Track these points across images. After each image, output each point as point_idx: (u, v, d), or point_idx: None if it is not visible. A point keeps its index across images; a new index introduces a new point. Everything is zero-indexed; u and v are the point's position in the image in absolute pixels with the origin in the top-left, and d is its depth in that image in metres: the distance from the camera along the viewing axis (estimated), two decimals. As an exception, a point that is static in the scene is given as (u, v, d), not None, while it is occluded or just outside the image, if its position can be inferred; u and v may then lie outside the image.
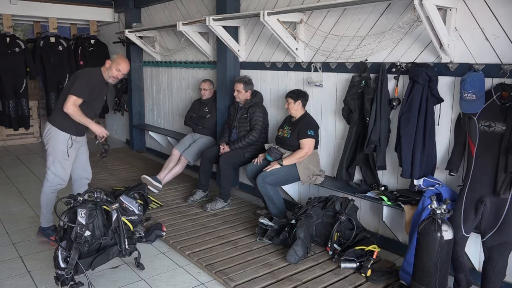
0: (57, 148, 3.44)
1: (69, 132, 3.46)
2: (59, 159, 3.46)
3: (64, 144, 3.44)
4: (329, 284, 2.96)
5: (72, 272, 2.72)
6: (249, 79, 4.51)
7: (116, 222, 2.96)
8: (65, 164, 3.49)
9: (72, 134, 3.47)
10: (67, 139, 3.45)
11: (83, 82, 3.42)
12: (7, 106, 7.09)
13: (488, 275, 2.65)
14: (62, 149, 3.44)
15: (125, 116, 7.74)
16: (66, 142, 3.45)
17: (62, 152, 3.45)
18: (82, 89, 3.38)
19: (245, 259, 3.29)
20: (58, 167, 3.46)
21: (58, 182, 3.50)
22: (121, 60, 3.55)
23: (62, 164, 3.47)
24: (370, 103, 3.40)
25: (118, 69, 3.51)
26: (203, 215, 4.22)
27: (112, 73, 3.52)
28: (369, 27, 3.55)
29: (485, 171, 2.62)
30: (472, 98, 2.61)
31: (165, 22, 6.16)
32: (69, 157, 3.48)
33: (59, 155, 3.45)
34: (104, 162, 6.35)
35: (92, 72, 3.59)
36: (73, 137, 3.48)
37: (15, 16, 7.10)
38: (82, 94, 3.37)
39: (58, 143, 3.44)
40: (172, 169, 4.96)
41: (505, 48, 2.75)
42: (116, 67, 3.51)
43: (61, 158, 3.46)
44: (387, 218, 3.45)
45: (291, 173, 3.85)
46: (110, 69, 3.52)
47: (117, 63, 3.52)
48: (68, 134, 3.45)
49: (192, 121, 5.28)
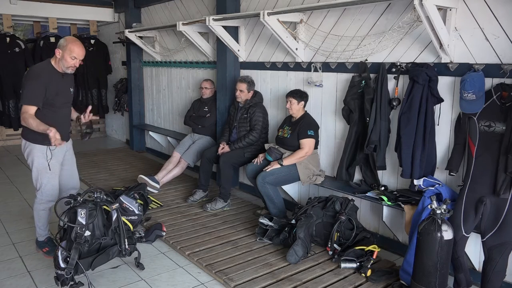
0: (37, 162, 3.11)
1: (45, 143, 3.03)
2: (42, 174, 3.14)
3: (43, 157, 3.09)
4: (329, 284, 2.96)
5: (72, 272, 2.72)
6: (252, 80, 4.51)
7: (116, 222, 2.96)
8: (50, 178, 3.16)
9: (49, 145, 3.01)
10: (44, 151, 3.08)
11: (30, 87, 2.94)
12: (7, 106, 7.09)
13: (488, 275, 2.65)
14: (42, 162, 3.10)
15: (125, 116, 7.74)
16: (44, 155, 3.09)
17: (43, 166, 3.11)
18: (31, 94, 2.93)
19: (245, 259, 3.29)
20: (44, 182, 3.15)
21: (47, 199, 3.21)
22: (73, 45, 2.97)
23: (47, 179, 3.15)
24: (370, 103, 3.40)
25: (73, 57, 2.99)
26: (203, 215, 4.22)
27: (67, 63, 3.00)
28: (369, 27, 3.54)
29: (485, 171, 2.62)
30: (472, 98, 2.61)
31: (165, 22, 6.16)
32: (51, 170, 3.13)
33: (41, 169, 3.12)
34: (104, 162, 6.37)
35: (39, 70, 3.05)
36: (51, 147, 3.07)
37: (15, 16, 7.10)
38: (33, 100, 2.93)
39: (36, 157, 3.10)
40: (171, 170, 4.96)
41: (505, 48, 2.75)
42: (70, 55, 2.97)
43: (43, 173, 3.13)
44: (387, 218, 3.45)
45: (291, 173, 3.85)
46: (64, 59, 2.99)
47: (70, 50, 2.96)
48: (44, 145, 3.06)
49: (191, 121, 5.28)
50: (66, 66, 3.02)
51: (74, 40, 3.06)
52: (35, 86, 2.95)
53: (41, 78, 2.98)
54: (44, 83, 2.97)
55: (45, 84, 2.98)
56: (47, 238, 3.39)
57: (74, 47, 2.98)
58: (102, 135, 8.78)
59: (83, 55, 3.06)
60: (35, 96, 2.94)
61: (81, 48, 3.03)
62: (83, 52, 3.04)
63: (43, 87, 2.96)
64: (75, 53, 2.98)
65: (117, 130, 8.49)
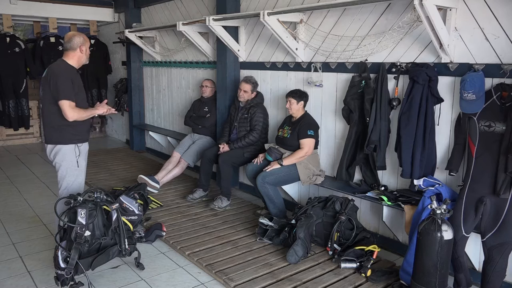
0: (66, 161, 3.20)
1: (73, 142, 3.20)
2: (71, 172, 3.22)
3: (72, 154, 3.20)
4: (329, 284, 2.96)
5: (72, 272, 2.72)
6: (256, 81, 4.52)
7: (116, 222, 2.96)
8: (78, 175, 3.25)
9: (77, 143, 3.21)
10: (73, 149, 3.20)
11: (63, 83, 3.05)
12: (7, 106, 7.09)
13: (488, 275, 2.65)
14: (71, 160, 3.20)
15: (125, 116, 7.74)
16: (73, 152, 3.20)
17: (71, 163, 3.21)
18: (69, 90, 3.06)
19: (245, 259, 3.29)
20: (72, 180, 3.23)
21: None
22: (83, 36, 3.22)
23: (74, 176, 3.23)
24: (370, 103, 3.40)
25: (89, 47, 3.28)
26: (203, 215, 4.22)
27: (87, 53, 3.25)
28: (369, 27, 3.55)
29: (485, 171, 2.62)
30: (472, 98, 2.61)
31: (165, 22, 6.16)
32: (79, 167, 3.24)
33: (70, 167, 3.21)
34: (104, 162, 6.37)
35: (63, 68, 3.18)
36: (78, 145, 3.22)
37: (15, 16, 7.10)
38: (70, 95, 3.06)
39: (66, 156, 3.19)
40: (171, 170, 4.97)
41: (505, 48, 2.75)
42: (87, 45, 3.23)
43: (72, 170, 3.21)
44: (387, 218, 3.45)
45: (291, 173, 3.85)
46: (86, 52, 3.22)
47: (86, 40, 3.22)
48: (73, 144, 3.20)
49: (192, 121, 5.28)
50: (87, 55, 3.24)
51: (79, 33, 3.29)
52: (65, 82, 3.06)
53: (69, 75, 3.11)
54: (71, 80, 3.11)
55: (72, 79, 3.12)
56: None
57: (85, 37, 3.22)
58: (102, 135, 8.78)
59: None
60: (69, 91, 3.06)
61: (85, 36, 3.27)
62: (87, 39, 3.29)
63: (71, 83, 3.09)
64: (88, 43, 3.23)
65: (117, 130, 8.49)
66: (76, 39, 3.16)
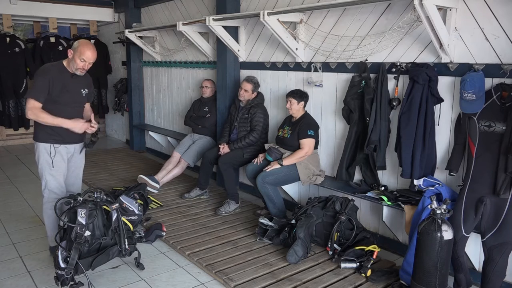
0: (41, 159, 3.15)
1: (49, 141, 3.12)
2: (47, 171, 3.16)
3: (46, 153, 3.13)
4: (329, 284, 2.96)
5: (72, 272, 2.72)
6: (258, 81, 4.51)
7: (116, 222, 2.96)
8: (54, 174, 3.17)
9: (52, 143, 3.12)
10: (48, 148, 3.13)
11: (37, 82, 3.03)
12: (7, 106, 7.09)
13: (488, 275, 2.65)
14: (46, 159, 3.14)
15: (125, 116, 7.74)
16: (48, 151, 3.13)
17: (47, 162, 3.15)
18: (37, 89, 3.00)
19: (245, 259, 3.29)
20: (49, 179, 3.17)
21: (54, 197, 3.14)
22: (84, 48, 3.01)
23: (50, 176, 3.17)
24: (370, 103, 3.40)
25: (82, 59, 3.02)
26: (203, 215, 4.22)
27: (76, 65, 3.04)
28: (369, 27, 3.54)
29: (485, 171, 2.62)
30: (472, 98, 2.61)
31: (165, 22, 6.16)
32: (54, 167, 3.15)
33: (45, 166, 3.16)
34: (104, 162, 6.37)
35: (48, 67, 3.14)
36: (55, 146, 3.13)
37: (15, 16, 7.10)
38: (38, 95, 2.99)
39: (41, 154, 3.15)
40: (171, 170, 4.97)
41: (505, 48, 2.75)
42: (80, 57, 3.01)
43: (47, 169, 3.16)
44: (387, 218, 3.45)
45: (291, 173, 3.85)
46: (74, 61, 3.04)
47: (80, 52, 3.00)
48: (48, 143, 3.12)
49: (192, 121, 5.28)
50: (75, 67, 3.06)
51: (86, 43, 3.09)
52: (41, 81, 3.02)
53: (47, 75, 3.03)
54: (48, 79, 3.01)
55: (50, 80, 3.02)
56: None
57: (85, 50, 3.01)
58: (102, 135, 8.78)
59: (94, 58, 3.08)
60: (38, 91, 3.00)
61: (92, 52, 3.05)
62: (93, 55, 3.06)
63: (47, 83, 3.00)
64: (84, 56, 3.01)
65: (117, 130, 8.49)
66: (75, 43, 3.10)
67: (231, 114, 4.72)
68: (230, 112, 4.75)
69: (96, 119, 3.37)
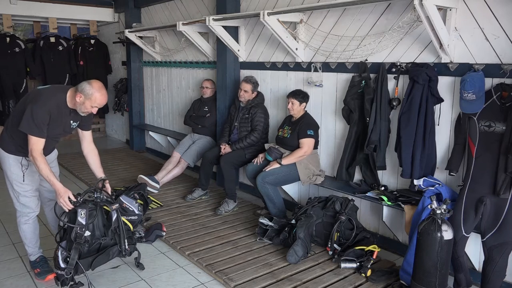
0: (11, 172, 2.88)
1: (21, 155, 2.85)
2: (17, 185, 2.90)
3: (17, 167, 2.87)
4: (329, 284, 2.96)
5: (72, 272, 2.72)
6: (257, 81, 4.51)
7: (116, 222, 2.95)
8: (25, 189, 2.91)
9: (25, 156, 2.84)
10: (19, 161, 2.86)
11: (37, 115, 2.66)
12: (7, 106, 7.08)
13: (488, 275, 2.65)
14: (17, 173, 2.87)
15: (125, 116, 7.74)
16: (19, 164, 2.87)
17: (17, 176, 2.88)
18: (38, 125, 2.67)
19: (245, 259, 3.29)
20: (20, 192, 2.91)
21: (27, 211, 2.97)
22: (99, 96, 2.75)
23: (21, 190, 2.91)
24: (370, 103, 3.40)
25: (95, 106, 2.79)
26: (203, 215, 4.22)
27: (85, 109, 2.78)
28: (369, 27, 3.54)
29: (485, 171, 2.62)
30: (472, 98, 2.61)
31: (165, 22, 6.16)
32: (24, 182, 2.89)
33: (15, 180, 2.89)
34: (104, 162, 6.32)
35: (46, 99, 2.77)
36: (28, 158, 2.82)
37: (15, 16, 7.09)
38: (40, 133, 2.69)
39: (10, 166, 2.87)
40: (171, 170, 4.97)
41: (505, 48, 2.75)
42: (92, 104, 2.76)
43: (18, 183, 2.89)
44: (387, 218, 3.45)
45: (291, 173, 3.85)
46: (83, 105, 2.76)
47: (93, 100, 2.74)
48: (20, 156, 2.86)
49: (191, 121, 5.28)
50: (83, 110, 2.81)
51: (100, 88, 2.77)
52: (39, 114, 2.68)
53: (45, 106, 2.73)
54: (49, 114, 2.73)
55: (49, 113, 2.74)
56: (39, 258, 3.09)
57: (99, 97, 2.76)
58: (102, 135, 8.78)
59: (105, 103, 2.87)
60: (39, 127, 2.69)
61: (104, 97, 2.81)
62: (105, 100, 2.83)
63: (47, 117, 2.72)
64: (97, 103, 2.78)
65: (117, 130, 8.49)
66: (84, 85, 2.75)
67: (231, 114, 4.72)
68: (230, 112, 4.75)
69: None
